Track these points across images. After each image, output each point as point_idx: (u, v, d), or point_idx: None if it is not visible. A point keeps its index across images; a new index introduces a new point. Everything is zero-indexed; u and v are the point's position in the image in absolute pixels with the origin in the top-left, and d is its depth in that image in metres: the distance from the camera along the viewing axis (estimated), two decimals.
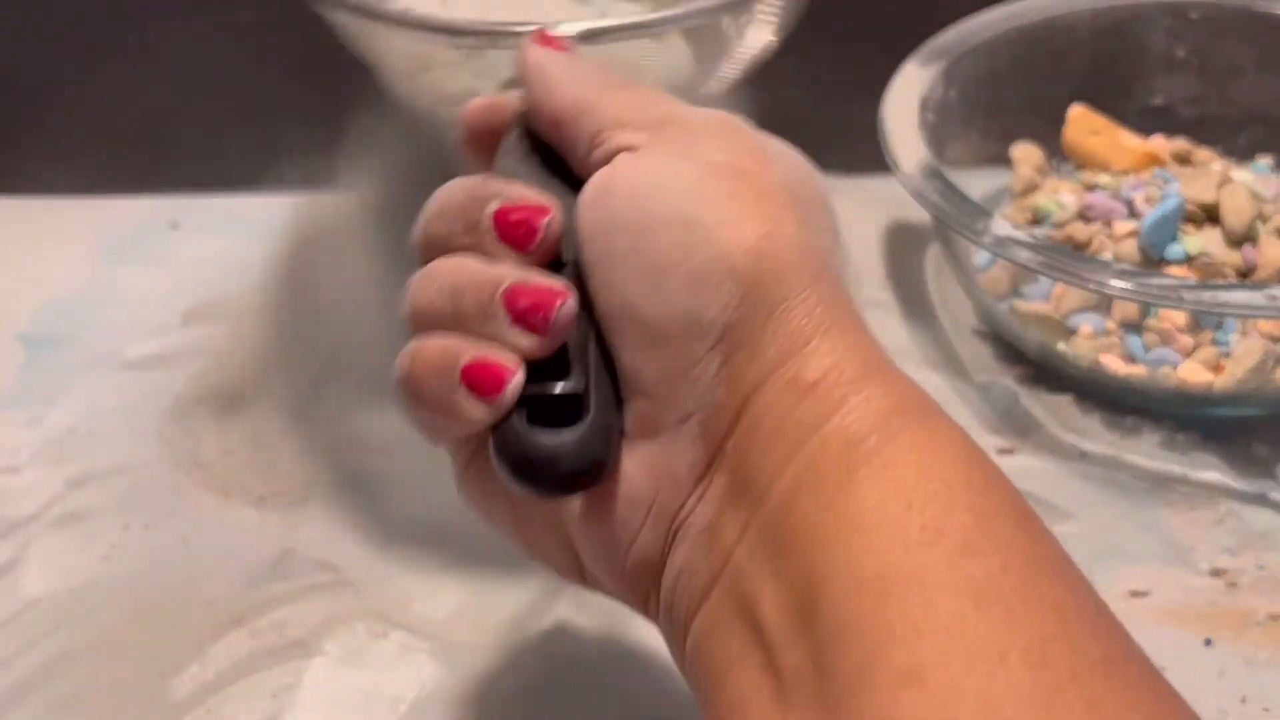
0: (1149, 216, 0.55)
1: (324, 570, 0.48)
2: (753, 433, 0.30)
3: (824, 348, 0.30)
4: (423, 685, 0.44)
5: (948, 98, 0.60)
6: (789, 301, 0.30)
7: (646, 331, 0.31)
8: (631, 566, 0.32)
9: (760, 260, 0.30)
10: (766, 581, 0.29)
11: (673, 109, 0.34)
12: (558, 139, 0.35)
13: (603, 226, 0.32)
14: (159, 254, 0.64)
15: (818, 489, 0.28)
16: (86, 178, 0.68)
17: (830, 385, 0.29)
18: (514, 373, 0.31)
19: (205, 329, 0.60)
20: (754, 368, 0.30)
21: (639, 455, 0.32)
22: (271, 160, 0.68)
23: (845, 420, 0.29)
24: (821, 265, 0.31)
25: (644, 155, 0.33)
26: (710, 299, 0.30)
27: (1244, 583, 0.47)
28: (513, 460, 0.31)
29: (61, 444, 0.54)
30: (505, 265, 0.32)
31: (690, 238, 0.31)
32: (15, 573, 0.49)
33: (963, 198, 0.53)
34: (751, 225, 0.31)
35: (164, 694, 0.44)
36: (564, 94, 0.35)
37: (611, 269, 0.31)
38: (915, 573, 0.26)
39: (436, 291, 0.33)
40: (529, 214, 0.33)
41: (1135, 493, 0.51)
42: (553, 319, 0.31)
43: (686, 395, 0.31)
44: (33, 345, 0.59)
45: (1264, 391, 0.52)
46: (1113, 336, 0.54)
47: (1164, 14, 0.63)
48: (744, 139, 0.33)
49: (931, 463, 0.28)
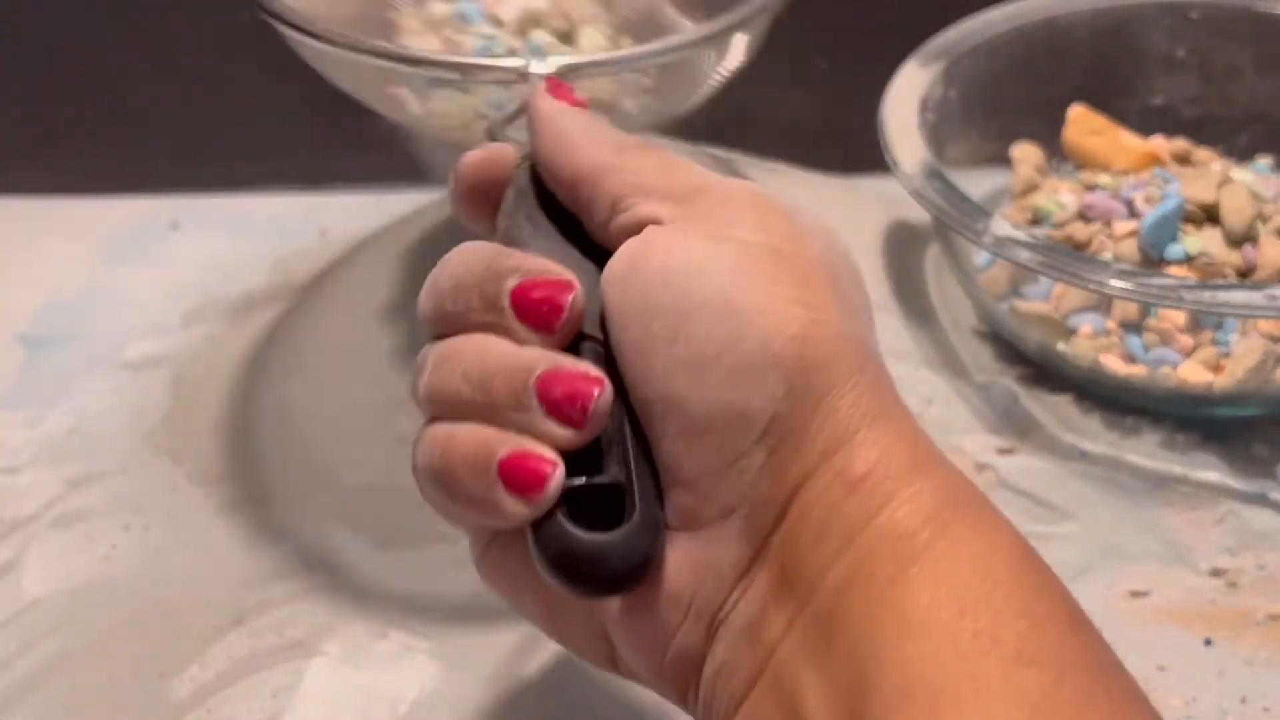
0: (1149, 216, 0.55)
1: (324, 570, 0.48)
2: (800, 527, 0.29)
3: (871, 439, 0.29)
4: (423, 685, 0.44)
5: (948, 98, 0.60)
6: (835, 391, 0.29)
7: (688, 423, 0.30)
8: (671, 661, 0.31)
9: (806, 349, 0.29)
10: (812, 680, 0.28)
11: (698, 178, 0.33)
12: (572, 200, 0.34)
13: (636, 309, 0.31)
14: (159, 254, 0.64)
15: (868, 587, 0.28)
16: (86, 178, 0.68)
17: (879, 478, 0.29)
18: (554, 468, 0.30)
19: (205, 329, 0.60)
20: (801, 460, 0.29)
21: (680, 549, 0.30)
22: (271, 160, 0.69)
23: (895, 515, 0.28)
24: (865, 351, 0.31)
25: (675, 233, 0.31)
26: (755, 390, 0.29)
27: (1244, 583, 0.47)
28: (556, 560, 0.30)
29: (61, 444, 0.54)
30: (534, 348, 0.31)
31: (732, 326, 0.29)
32: (15, 573, 0.49)
33: (963, 198, 0.53)
34: (795, 312, 0.30)
35: (164, 694, 0.44)
36: (583, 155, 0.33)
37: (649, 357, 0.30)
38: (968, 682, 0.26)
39: (462, 377, 0.31)
40: (552, 291, 0.31)
41: (1135, 493, 0.51)
42: (590, 410, 0.30)
43: (731, 488, 0.30)
44: (33, 345, 0.59)
45: (1264, 391, 0.52)
46: (1113, 336, 0.54)
47: (1164, 14, 0.63)
48: (777, 216, 0.32)
49: (985, 561, 0.28)
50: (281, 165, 0.68)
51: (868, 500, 0.28)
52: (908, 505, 0.28)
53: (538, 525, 0.30)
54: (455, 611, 0.47)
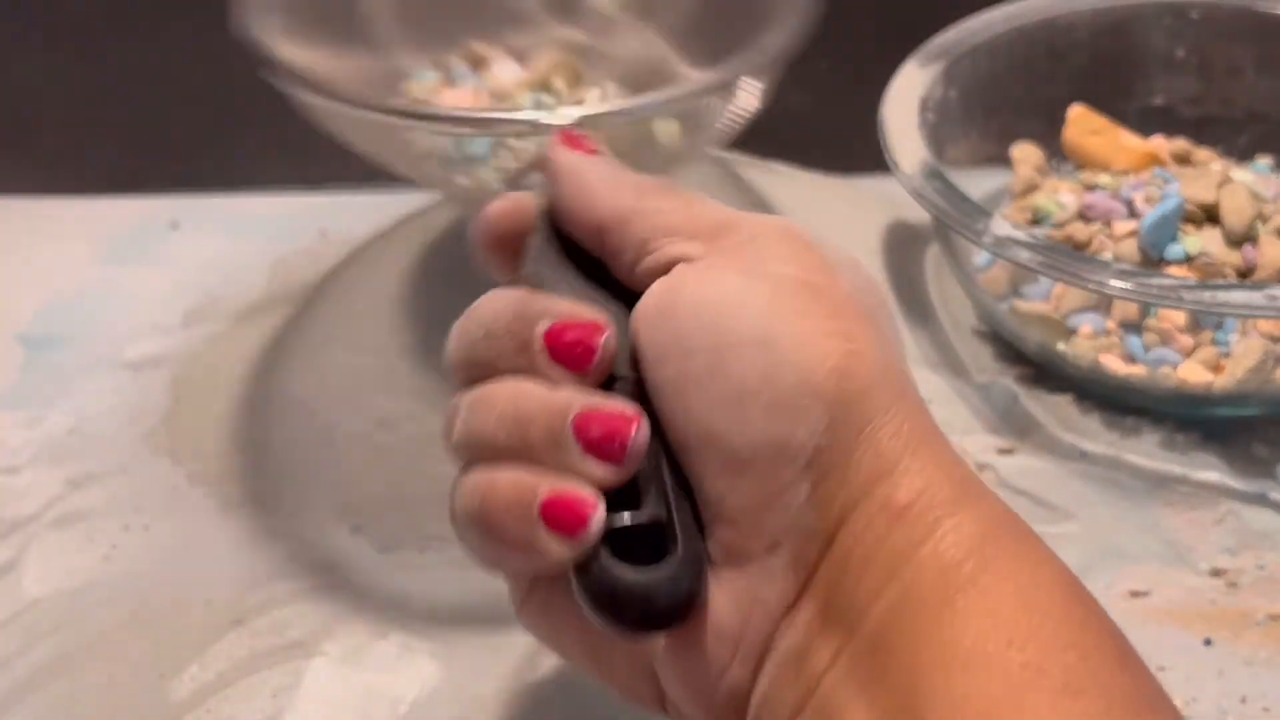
0: (1149, 216, 0.55)
1: (324, 570, 0.48)
2: (845, 559, 0.29)
3: (914, 468, 0.29)
4: (423, 685, 0.44)
5: (948, 98, 0.60)
6: (876, 421, 0.30)
7: (730, 459, 0.30)
8: (723, 700, 0.31)
9: (845, 380, 0.29)
10: (859, 711, 0.28)
11: (723, 215, 0.33)
12: (599, 247, 0.34)
13: (671, 348, 0.31)
14: (159, 254, 0.64)
15: (915, 618, 0.28)
16: (86, 178, 0.68)
17: (923, 508, 0.29)
18: (595, 507, 0.30)
19: (205, 329, 0.60)
20: (845, 492, 0.29)
21: (726, 585, 0.30)
22: (271, 160, 0.68)
23: (940, 546, 0.28)
24: (903, 380, 0.31)
25: (706, 270, 0.31)
26: (797, 423, 0.29)
27: (1244, 583, 0.47)
28: (601, 598, 0.30)
29: (61, 444, 0.54)
30: (568, 389, 0.31)
31: (771, 360, 0.30)
32: (15, 573, 0.49)
33: (963, 198, 0.53)
34: (832, 344, 0.30)
35: (164, 694, 0.44)
36: (605, 203, 0.33)
37: (687, 394, 0.30)
38: (1017, 713, 0.26)
39: (497, 422, 0.31)
40: (584, 333, 0.31)
41: (1135, 493, 0.51)
42: (629, 446, 0.30)
43: (775, 523, 0.30)
44: (33, 345, 0.59)
45: (1264, 391, 0.52)
46: (1113, 336, 0.54)
47: (1164, 14, 0.63)
48: (806, 248, 0.32)
49: (1031, 593, 0.28)
50: (281, 165, 0.68)
51: (912, 531, 0.29)
52: (952, 535, 0.28)
53: (581, 565, 0.30)
54: (455, 611, 0.47)
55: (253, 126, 0.69)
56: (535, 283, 0.34)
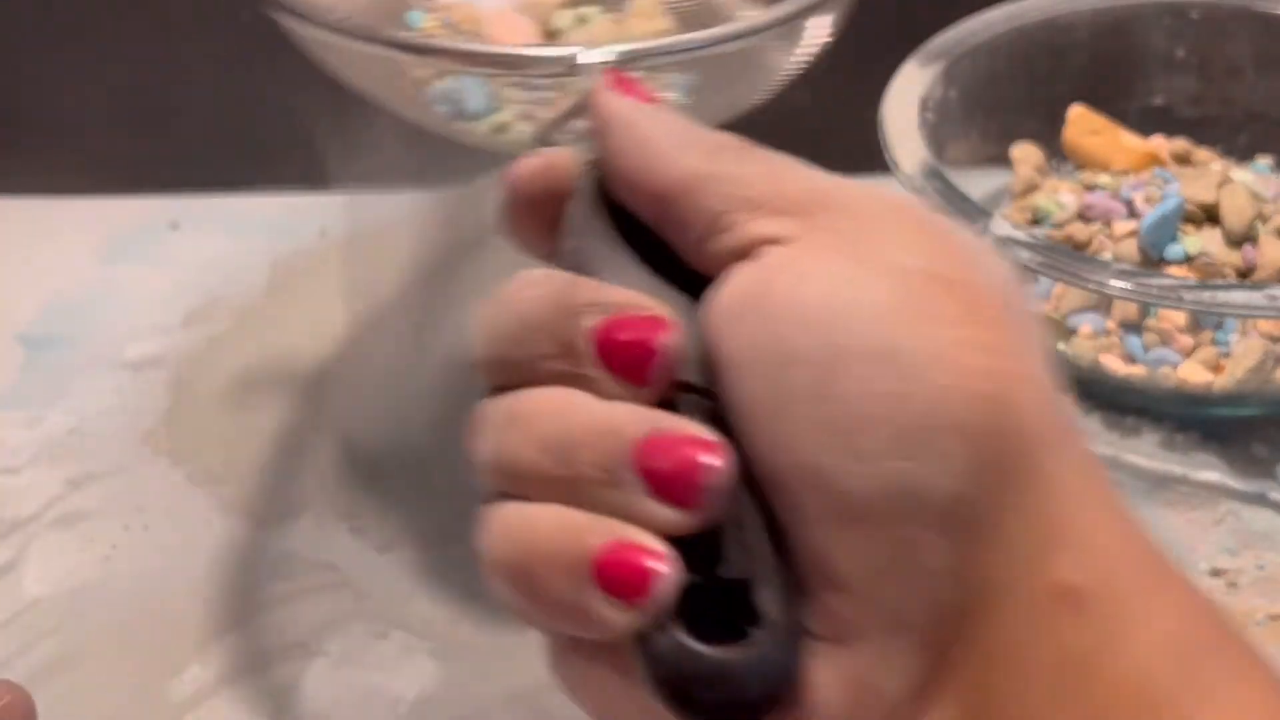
0: (1149, 216, 0.55)
1: (324, 570, 0.48)
2: (999, 653, 0.23)
3: (1097, 541, 0.23)
4: (423, 685, 0.44)
5: (948, 98, 0.60)
6: (1038, 468, 0.23)
7: (840, 505, 0.23)
8: None
9: (996, 410, 0.23)
10: None
11: (821, 184, 0.26)
12: (658, 218, 0.27)
13: (761, 356, 0.24)
14: (159, 254, 0.64)
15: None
16: (86, 178, 0.68)
17: (1107, 598, 0.23)
18: (664, 563, 0.23)
19: (205, 329, 0.60)
20: (997, 560, 0.23)
21: (830, 664, 0.24)
22: (271, 160, 0.68)
23: (1134, 651, 0.22)
24: (1068, 411, 0.25)
25: (804, 256, 0.24)
26: (932, 464, 0.23)
27: (1244, 583, 0.47)
28: (670, 682, 0.24)
29: (61, 444, 0.54)
30: (624, 405, 0.25)
31: (897, 379, 0.23)
32: (15, 573, 0.49)
33: (963, 198, 0.53)
34: (978, 361, 0.23)
35: (164, 694, 0.44)
36: (671, 164, 0.26)
37: (782, 418, 0.23)
38: None
39: (538, 446, 0.25)
40: (643, 331, 0.25)
41: (1135, 493, 0.50)
42: (707, 486, 0.23)
43: (900, 593, 0.23)
44: (33, 345, 0.59)
45: (1264, 391, 0.52)
46: (1113, 336, 0.54)
47: (1164, 14, 0.63)
48: (935, 231, 0.25)
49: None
50: (281, 165, 0.68)
51: (1094, 630, 0.23)
52: (1147, 638, 0.23)
53: (645, 636, 0.24)
54: (455, 611, 0.47)
55: (253, 126, 0.69)
56: (577, 263, 0.27)
